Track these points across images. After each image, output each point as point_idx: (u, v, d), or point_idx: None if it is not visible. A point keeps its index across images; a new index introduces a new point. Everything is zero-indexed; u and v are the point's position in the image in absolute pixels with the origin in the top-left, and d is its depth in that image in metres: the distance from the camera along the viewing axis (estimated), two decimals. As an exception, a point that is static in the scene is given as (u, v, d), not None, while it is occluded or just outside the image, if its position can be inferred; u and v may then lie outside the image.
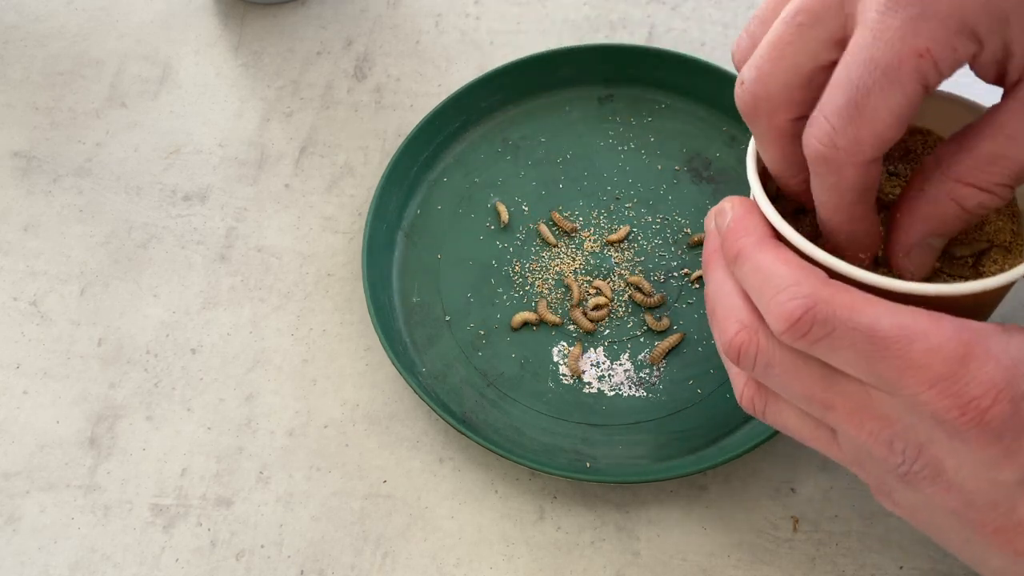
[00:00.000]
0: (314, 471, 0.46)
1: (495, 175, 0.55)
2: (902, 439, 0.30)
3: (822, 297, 0.30)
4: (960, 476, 0.30)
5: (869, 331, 0.29)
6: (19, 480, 0.47)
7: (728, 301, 0.34)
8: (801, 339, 0.30)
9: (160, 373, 0.49)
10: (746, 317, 0.33)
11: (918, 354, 0.28)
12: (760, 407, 0.35)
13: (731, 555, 0.43)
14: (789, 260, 0.31)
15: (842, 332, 0.29)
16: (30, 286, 0.53)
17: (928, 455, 0.30)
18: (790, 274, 0.30)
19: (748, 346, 0.32)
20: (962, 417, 0.28)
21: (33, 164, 0.57)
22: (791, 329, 0.30)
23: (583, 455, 0.45)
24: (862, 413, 0.31)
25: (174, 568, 0.44)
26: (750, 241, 0.32)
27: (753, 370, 0.33)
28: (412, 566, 0.44)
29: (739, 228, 0.33)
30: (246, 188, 0.56)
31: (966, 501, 0.30)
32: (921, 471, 0.30)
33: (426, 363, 0.48)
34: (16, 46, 0.62)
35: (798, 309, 0.30)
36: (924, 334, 0.28)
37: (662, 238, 0.52)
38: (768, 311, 0.31)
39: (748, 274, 0.32)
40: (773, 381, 0.33)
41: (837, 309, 0.29)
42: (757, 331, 0.32)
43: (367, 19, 0.62)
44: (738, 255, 0.32)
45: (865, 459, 0.32)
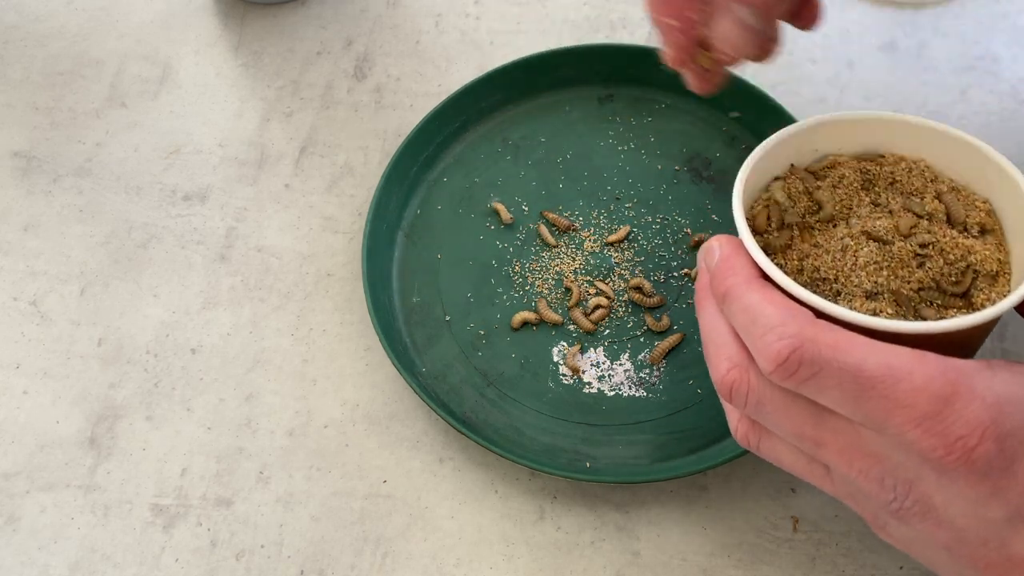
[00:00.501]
0: (314, 471, 0.46)
1: (495, 175, 0.55)
2: (892, 476, 0.31)
3: (808, 337, 0.30)
4: (950, 513, 0.30)
5: (855, 371, 0.29)
6: (19, 480, 0.47)
7: (719, 339, 0.34)
8: (789, 379, 0.30)
9: (160, 373, 0.49)
10: (736, 355, 0.33)
11: (904, 393, 0.29)
12: (754, 443, 0.36)
13: (731, 555, 0.43)
14: (775, 300, 0.32)
15: (829, 372, 0.30)
16: (30, 286, 0.53)
17: (918, 492, 0.30)
18: (777, 314, 0.31)
19: (739, 384, 0.33)
20: (948, 456, 0.28)
21: (33, 164, 0.57)
22: (779, 369, 0.30)
23: (583, 455, 0.45)
24: (852, 451, 0.31)
25: (174, 568, 0.44)
26: (738, 281, 0.33)
27: (745, 407, 0.33)
28: (412, 566, 0.44)
29: (727, 267, 0.34)
30: (246, 188, 0.56)
31: (957, 537, 0.30)
32: (912, 507, 0.31)
33: (426, 363, 0.48)
34: (16, 46, 0.62)
35: (785, 349, 0.30)
36: (909, 373, 0.29)
37: (662, 238, 0.52)
38: (756, 351, 0.31)
39: (736, 313, 0.33)
40: (765, 418, 0.33)
41: (823, 349, 0.30)
42: (748, 369, 0.33)
43: (367, 19, 0.62)
44: (726, 294, 0.33)
45: (858, 495, 0.33)
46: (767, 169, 0.38)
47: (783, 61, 0.60)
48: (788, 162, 0.39)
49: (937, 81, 0.58)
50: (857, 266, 0.35)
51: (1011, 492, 0.29)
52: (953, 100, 0.57)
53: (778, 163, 0.39)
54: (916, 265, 0.35)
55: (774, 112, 0.53)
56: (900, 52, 0.59)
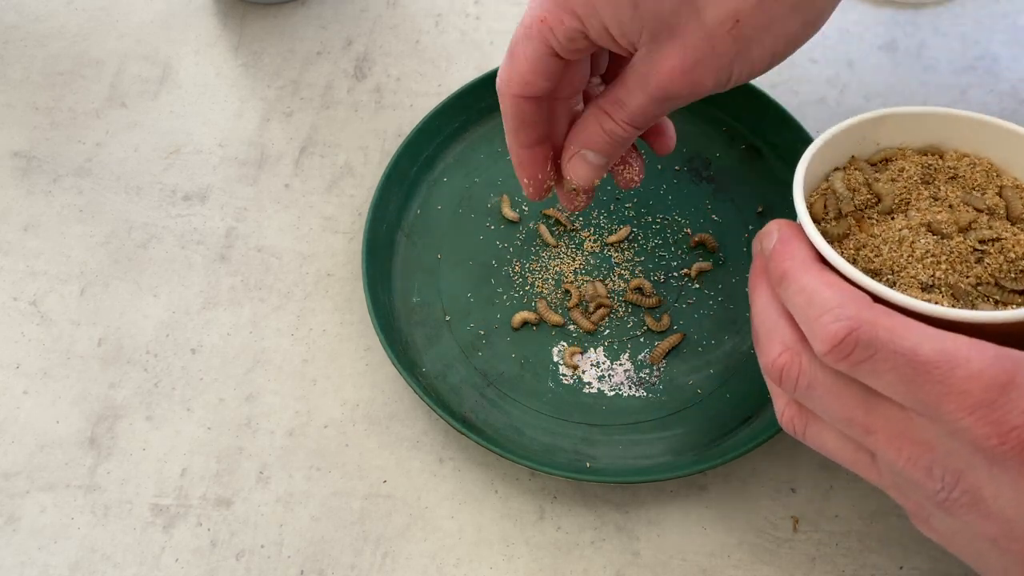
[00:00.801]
0: (314, 471, 0.46)
1: (495, 175, 0.55)
2: (941, 465, 0.31)
3: (865, 319, 0.30)
4: (999, 504, 0.30)
5: (911, 355, 0.29)
6: (19, 480, 0.47)
7: (772, 322, 0.34)
8: (843, 360, 0.30)
9: (160, 373, 0.49)
10: (789, 338, 0.33)
11: (959, 380, 0.29)
12: (800, 428, 0.35)
13: (731, 555, 0.43)
14: (833, 283, 0.32)
15: (884, 355, 0.30)
16: (30, 286, 0.53)
17: (967, 482, 0.30)
18: (834, 296, 0.31)
19: (791, 367, 0.33)
20: (1002, 445, 0.28)
21: (33, 164, 0.57)
22: (834, 350, 0.30)
23: (583, 455, 0.45)
24: (902, 438, 0.31)
25: (174, 568, 0.44)
26: (795, 263, 0.33)
27: (795, 391, 0.33)
28: (412, 566, 0.44)
29: (785, 250, 0.34)
30: (246, 188, 0.56)
31: (1005, 530, 0.30)
32: (960, 498, 0.30)
33: (426, 363, 0.48)
34: (16, 46, 0.62)
35: (842, 331, 0.30)
36: (965, 360, 0.29)
37: (662, 238, 0.52)
38: (812, 332, 0.31)
39: (793, 295, 0.33)
40: (814, 403, 0.33)
41: (880, 332, 0.30)
42: (800, 352, 0.33)
43: (367, 19, 0.62)
44: (783, 276, 0.33)
45: (904, 484, 0.33)
46: (828, 159, 0.38)
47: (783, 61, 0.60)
48: (849, 153, 0.39)
49: (937, 81, 0.58)
50: (914, 258, 0.35)
51: None
52: (953, 100, 0.57)
53: (839, 154, 0.39)
54: (975, 260, 0.35)
55: (774, 112, 0.53)
56: (900, 52, 0.59)
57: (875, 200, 0.38)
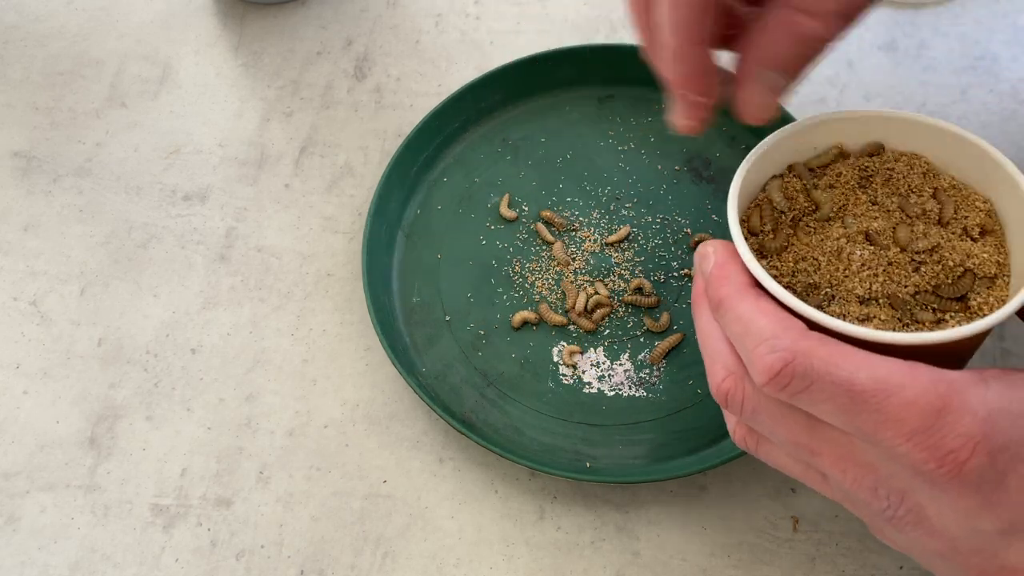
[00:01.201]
0: (314, 471, 0.46)
1: (495, 175, 0.55)
2: (885, 486, 0.31)
3: (800, 350, 0.30)
4: (943, 523, 0.30)
5: (847, 385, 0.29)
6: (19, 480, 0.47)
7: (715, 346, 0.34)
8: (781, 391, 0.30)
9: (160, 373, 0.49)
10: (732, 363, 0.33)
11: (895, 407, 0.29)
12: (752, 446, 0.36)
13: (731, 555, 0.43)
14: (768, 311, 0.32)
15: (820, 385, 0.30)
16: (30, 286, 0.53)
17: (911, 501, 0.31)
18: (769, 326, 0.31)
19: (735, 392, 0.33)
20: (940, 469, 0.29)
21: (33, 164, 0.57)
22: (771, 382, 0.30)
23: (583, 455, 0.45)
24: (846, 460, 0.32)
25: (174, 568, 0.44)
26: (731, 290, 0.33)
27: (741, 415, 0.34)
28: (412, 566, 0.44)
29: (720, 275, 0.34)
30: (246, 188, 0.56)
31: (950, 546, 0.31)
32: (905, 516, 0.31)
33: (426, 363, 0.48)
34: (16, 46, 0.62)
35: (777, 362, 0.30)
36: (900, 387, 0.29)
37: (662, 238, 0.52)
38: (750, 363, 0.31)
39: (730, 323, 0.33)
40: (760, 426, 0.34)
41: (815, 362, 0.30)
42: (743, 378, 0.33)
43: (367, 19, 0.62)
44: (720, 303, 0.33)
45: (854, 501, 0.33)
46: (766, 168, 0.38)
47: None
48: (787, 161, 0.39)
49: (937, 81, 0.58)
50: (851, 271, 0.35)
51: (1003, 505, 0.29)
52: (953, 100, 0.57)
53: (777, 162, 0.39)
54: (912, 269, 0.35)
55: (774, 112, 0.53)
56: (900, 52, 0.59)
57: (813, 207, 0.38)
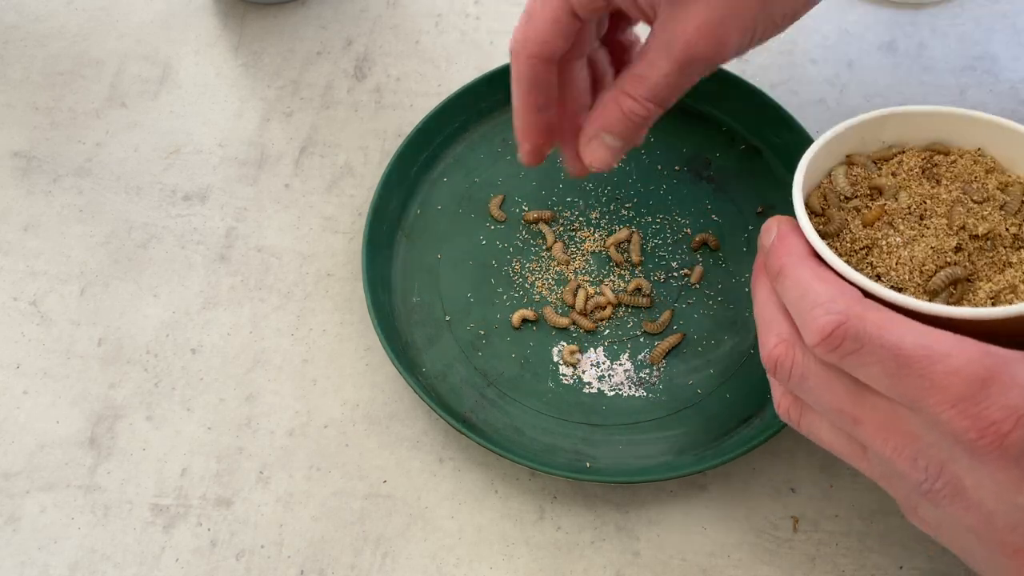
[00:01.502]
0: (314, 471, 0.46)
1: (495, 175, 0.55)
2: (925, 456, 0.31)
3: (854, 313, 0.31)
4: (979, 495, 0.30)
5: (895, 349, 0.30)
6: (19, 480, 0.47)
7: (770, 315, 0.35)
8: (832, 352, 0.31)
9: (160, 373, 0.49)
10: (785, 331, 0.34)
11: (940, 375, 0.29)
12: (796, 418, 0.37)
13: (731, 555, 0.43)
14: (826, 278, 0.33)
15: (870, 348, 0.31)
16: (30, 286, 0.53)
17: (949, 473, 0.31)
18: (826, 291, 0.32)
19: (785, 358, 0.34)
20: (981, 439, 0.29)
21: (33, 164, 0.57)
22: (823, 342, 0.31)
23: (583, 455, 0.45)
24: (888, 429, 0.32)
25: (174, 568, 0.44)
26: (791, 259, 0.34)
27: (789, 382, 0.34)
28: (412, 566, 0.44)
29: (782, 246, 0.35)
30: (246, 188, 0.56)
31: (985, 521, 0.31)
32: (942, 489, 0.31)
33: (426, 363, 0.48)
34: (16, 46, 0.62)
35: (830, 324, 0.31)
36: (947, 355, 0.29)
37: (662, 238, 0.52)
38: (804, 324, 0.32)
39: (788, 289, 0.34)
40: (807, 393, 0.34)
41: (867, 326, 0.31)
42: (794, 345, 0.34)
43: (367, 19, 0.62)
44: (780, 271, 0.34)
45: (891, 475, 0.33)
46: (830, 156, 0.39)
47: (783, 61, 0.60)
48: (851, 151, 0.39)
49: (936, 81, 0.58)
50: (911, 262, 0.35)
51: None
52: (952, 100, 0.57)
53: (841, 152, 0.39)
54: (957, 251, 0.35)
55: (774, 112, 0.53)
56: (900, 52, 0.59)
57: (876, 193, 0.38)
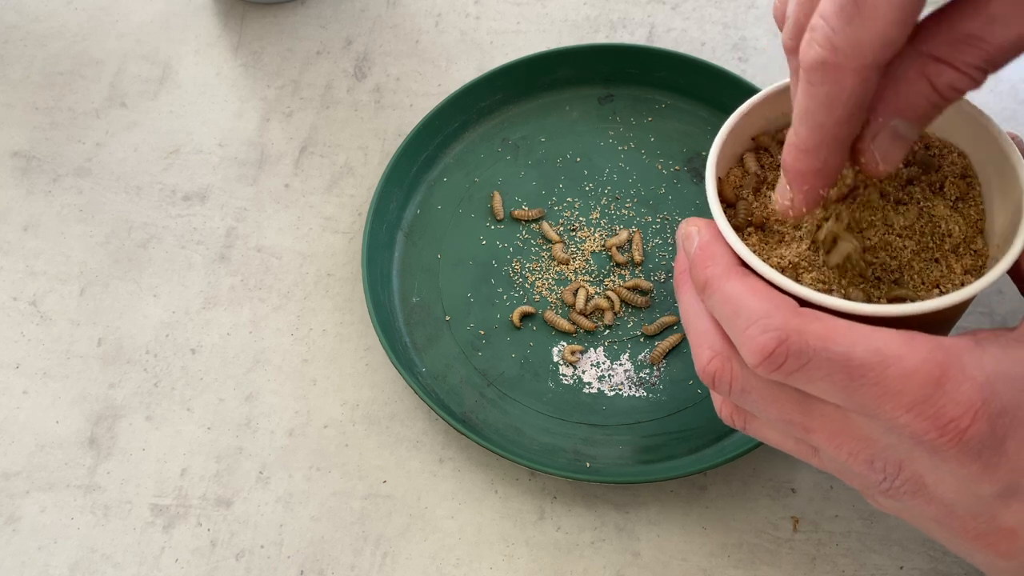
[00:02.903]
0: (314, 471, 0.46)
1: (495, 175, 0.55)
2: (882, 458, 0.31)
3: (794, 328, 0.29)
4: (940, 490, 0.30)
5: (844, 360, 0.29)
6: (19, 480, 0.47)
7: (700, 326, 0.34)
8: (776, 371, 0.30)
9: (160, 373, 0.49)
10: (718, 344, 0.33)
11: (893, 380, 0.29)
12: (740, 424, 0.36)
13: (731, 555, 0.43)
14: (757, 290, 0.31)
15: (817, 363, 0.29)
16: (30, 286, 0.53)
17: (908, 471, 0.31)
18: (760, 306, 0.30)
19: (722, 373, 0.32)
20: (941, 438, 0.29)
21: (33, 164, 0.57)
22: (765, 363, 0.30)
23: (583, 455, 0.45)
24: (841, 435, 0.31)
25: (174, 568, 0.44)
26: (717, 271, 0.32)
27: (730, 395, 0.33)
28: (412, 566, 0.44)
29: (706, 256, 0.33)
30: (246, 188, 0.56)
31: (947, 512, 0.31)
32: (902, 486, 0.31)
33: (426, 363, 0.48)
34: (16, 46, 0.62)
35: (771, 342, 0.29)
36: (898, 358, 0.29)
37: (662, 238, 0.52)
38: (741, 344, 0.31)
39: (718, 305, 0.32)
40: (750, 406, 0.33)
41: (810, 339, 0.29)
42: (730, 359, 0.32)
43: (367, 19, 0.62)
44: (706, 285, 0.32)
45: (847, 472, 0.33)
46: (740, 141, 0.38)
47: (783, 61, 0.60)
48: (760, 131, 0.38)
49: (937, 81, 0.57)
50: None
51: (1001, 469, 0.29)
52: (953, 100, 0.57)
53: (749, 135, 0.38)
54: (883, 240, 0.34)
55: (774, 112, 0.53)
56: (900, 52, 0.59)
57: None
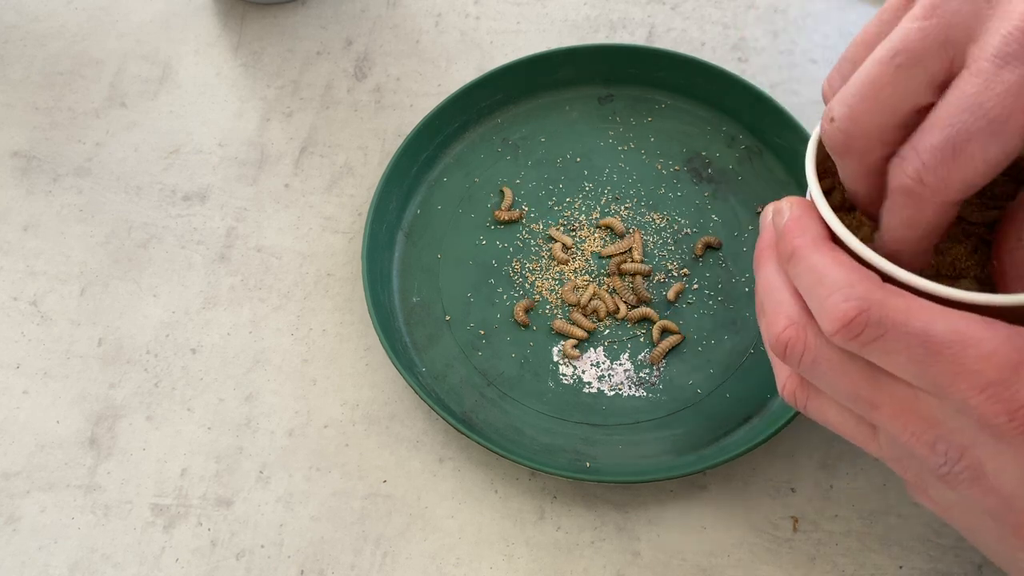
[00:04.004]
0: (314, 471, 0.46)
1: (495, 175, 0.55)
2: (945, 441, 0.31)
3: (876, 299, 0.30)
4: (1000, 479, 0.30)
5: (923, 335, 0.29)
6: (19, 480, 0.47)
7: (778, 296, 0.34)
8: (853, 340, 0.30)
9: (160, 373, 0.49)
10: (795, 313, 0.33)
11: (971, 360, 0.29)
12: (802, 401, 0.35)
13: (731, 555, 0.43)
14: (844, 262, 0.31)
15: (895, 335, 0.29)
16: (30, 286, 0.53)
17: (970, 457, 0.30)
18: (844, 276, 0.31)
19: (796, 342, 0.33)
20: (1011, 422, 0.28)
21: (33, 164, 0.57)
22: (844, 330, 0.30)
23: (583, 455, 0.45)
24: (907, 413, 0.31)
25: (174, 568, 0.44)
26: (806, 241, 0.33)
27: (799, 366, 0.33)
28: (412, 566, 0.44)
29: (796, 227, 0.33)
30: (246, 188, 0.56)
31: (1004, 503, 0.30)
32: (961, 472, 0.31)
33: (426, 363, 0.48)
34: (16, 46, 0.62)
35: (852, 310, 0.30)
36: (978, 340, 0.29)
37: (662, 238, 0.52)
38: (821, 311, 0.31)
39: (802, 273, 0.32)
40: (818, 378, 0.33)
41: (891, 312, 0.29)
42: (806, 328, 0.32)
43: (367, 19, 0.62)
44: (793, 253, 0.33)
45: (905, 457, 0.33)
46: None
47: (783, 61, 0.60)
48: None
49: (937, 81, 0.57)
50: None
51: None
52: (953, 100, 0.57)
53: None
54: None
55: (774, 112, 0.53)
56: (900, 52, 0.59)
57: None
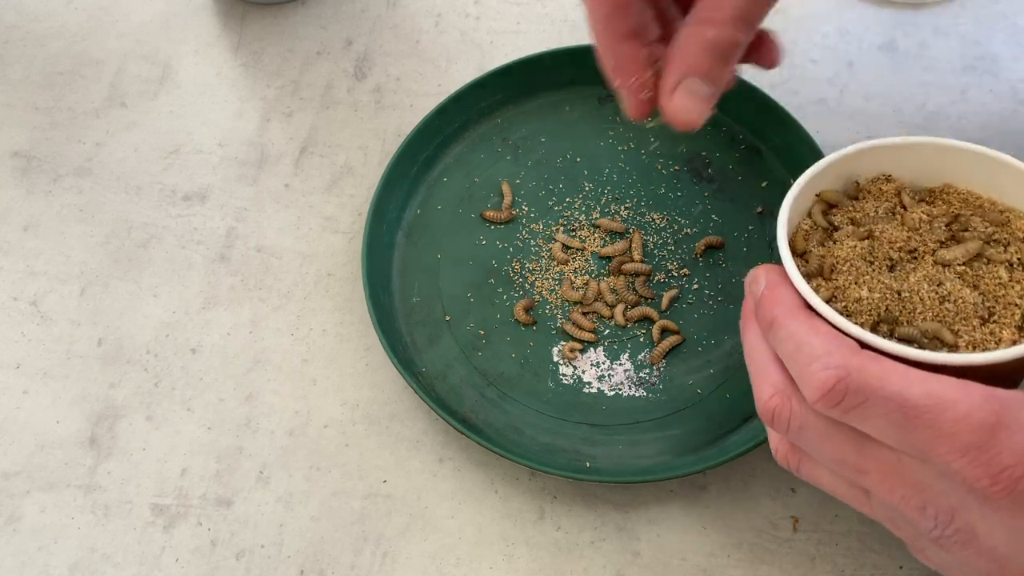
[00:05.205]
0: (314, 471, 0.46)
1: (495, 175, 0.55)
2: (934, 505, 0.31)
3: (854, 366, 0.30)
4: (992, 541, 0.30)
5: (900, 400, 0.29)
6: (19, 480, 0.47)
7: (762, 365, 0.35)
8: (834, 408, 0.31)
9: (160, 373, 0.49)
10: (779, 382, 0.34)
11: (948, 423, 0.29)
12: (794, 465, 0.36)
13: (731, 555, 0.43)
14: (820, 330, 0.32)
15: (874, 401, 0.30)
16: (30, 286, 0.53)
17: (961, 520, 0.31)
18: (822, 344, 0.31)
19: (782, 410, 0.33)
20: (993, 486, 0.29)
21: (33, 164, 0.57)
22: (824, 398, 0.31)
23: (583, 455, 0.45)
24: (894, 479, 0.32)
25: (174, 568, 0.44)
26: (783, 310, 0.33)
27: (787, 433, 0.34)
28: (412, 566, 0.44)
29: (772, 297, 0.34)
30: (246, 188, 0.56)
31: (998, 565, 0.31)
32: (953, 535, 0.31)
33: (426, 363, 0.48)
34: (16, 46, 0.62)
35: (831, 379, 0.30)
36: (953, 403, 0.29)
37: (662, 238, 0.52)
38: (801, 379, 0.32)
39: (782, 342, 0.33)
40: (806, 444, 0.34)
41: (868, 378, 0.30)
42: (791, 396, 0.33)
43: (367, 19, 0.62)
44: (772, 323, 0.34)
45: (898, 520, 0.33)
46: (807, 197, 0.38)
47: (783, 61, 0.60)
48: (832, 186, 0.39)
49: (937, 81, 0.58)
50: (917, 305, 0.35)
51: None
52: (953, 100, 0.57)
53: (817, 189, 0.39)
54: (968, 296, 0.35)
55: (774, 112, 0.53)
56: (900, 52, 0.59)
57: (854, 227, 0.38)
